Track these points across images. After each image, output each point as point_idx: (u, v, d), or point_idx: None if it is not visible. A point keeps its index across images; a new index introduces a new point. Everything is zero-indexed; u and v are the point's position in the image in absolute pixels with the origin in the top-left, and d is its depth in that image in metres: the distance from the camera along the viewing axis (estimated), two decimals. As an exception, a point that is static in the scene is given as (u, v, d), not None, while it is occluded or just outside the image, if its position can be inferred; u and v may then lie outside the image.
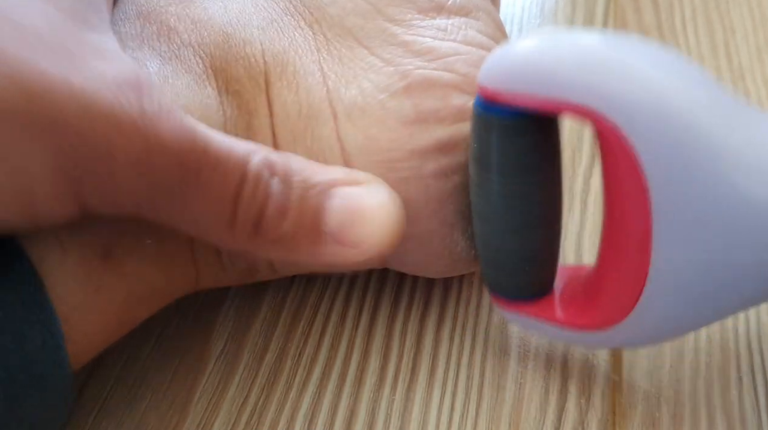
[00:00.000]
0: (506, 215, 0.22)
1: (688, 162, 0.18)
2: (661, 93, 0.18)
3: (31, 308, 0.19)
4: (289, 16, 0.24)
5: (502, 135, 0.20)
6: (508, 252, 0.22)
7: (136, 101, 0.18)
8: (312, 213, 0.21)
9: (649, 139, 0.18)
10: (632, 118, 0.18)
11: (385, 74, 0.23)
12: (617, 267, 0.21)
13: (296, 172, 0.21)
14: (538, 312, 0.23)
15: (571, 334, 0.23)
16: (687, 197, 0.19)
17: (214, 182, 0.19)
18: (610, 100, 0.18)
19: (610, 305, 0.22)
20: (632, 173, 0.19)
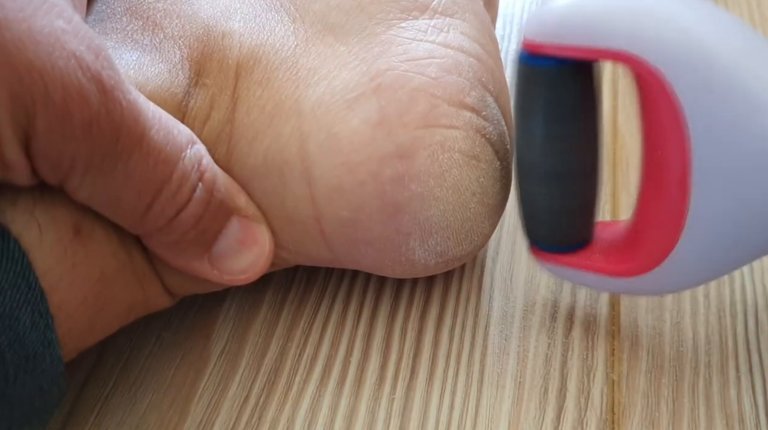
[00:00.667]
0: (549, 161, 0.22)
1: (725, 103, 0.20)
2: (699, 36, 0.20)
3: (19, 288, 0.19)
4: (274, 12, 0.24)
5: (546, 84, 0.21)
6: (550, 199, 0.23)
7: (94, 65, 0.18)
8: (215, 231, 0.22)
9: (687, 80, 0.20)
10: (671, 61, 0.20)
11: (358, 74, 0.23)
12: (656, 210, 0.22)
13: (220, 187, 0.22)
14: (578, 262, 0.24)
15: (612, 281, 0.23)
16: (724, 137, 0.20)
17: (141, 171, 0.20)
18: (649, 44, 0.20)
19: (650, 248, 0.22)
20: (671, 115, 0.20)
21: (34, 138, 0.18)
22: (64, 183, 0.19)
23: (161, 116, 0.21)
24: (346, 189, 0.22)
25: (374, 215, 0.23)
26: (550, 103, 0.22)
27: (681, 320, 0.26)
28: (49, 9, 0.18)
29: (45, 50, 0.17)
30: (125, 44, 0.23)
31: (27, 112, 0.18)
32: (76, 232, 0.20)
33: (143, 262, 0.22)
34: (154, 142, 0.20)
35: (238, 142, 0.23)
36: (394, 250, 0.23)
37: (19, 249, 0.19)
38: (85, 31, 0.19)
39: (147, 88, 0.22)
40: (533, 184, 0.23)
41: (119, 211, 0.20)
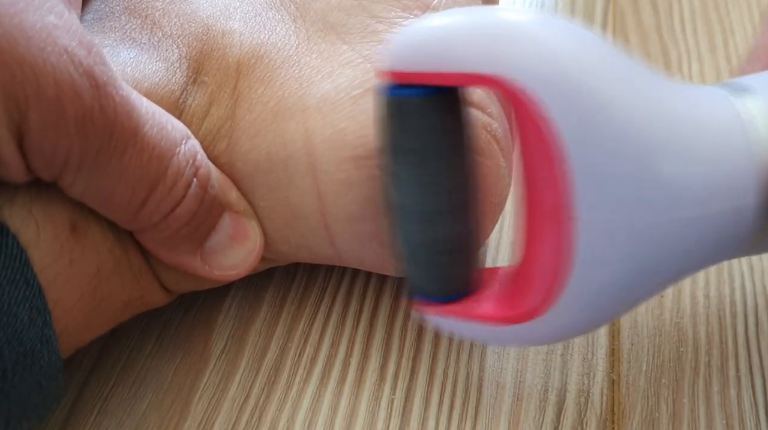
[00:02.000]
0: (424, 201, 0.21)
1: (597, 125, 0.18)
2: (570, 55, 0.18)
3: (17, 284, 0.19)
4: (274, 10, 0.24)
5: (416, 114, 0.20)
6: (428, 243, 0.21)
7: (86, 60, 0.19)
8: (208, 226, 0.22)
9: (560, 101, 0.18)
10: (538, 82, 0.18)
11: (362, 70, 0.23)
12: (541, 247, 0.20)
13: (214, 182, 0.22)
14: (461, 311, 0.22)
15: (501, 330, 0.21)
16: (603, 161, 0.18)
17: (135, 166, 0.20)
18: (515, 66, 0.18)
19: (540, 288, 0.20)
20: (546, 141, 0.18)
21: (28, 134, 0.18)
22: (59, 179, 0.19)
23: (155, 112, 0.21)
24: (354, 183, 0.22)
25: (381, 209, 0.23)
26: (419, 135, 0.20)
27: (681, 319, 0.26)
28: (40, 4, 0.18)
29: (37, 45, 0.18)
30: (123, 42, 0.23)
31: (20, 108, 0.18)
32: (73, 229, 0.21)
33: (139, 258, 0.22)
34: (147, 138, 0.20)
35: (240, 138, 0.23)
36: None
37: (17, 246, 0.19)
38: (77, 27, 0.19)
39: (144, 86, 0.22)
40: (407, 224, 0.21)
41: (113, 207, 0.20)
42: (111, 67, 0.19)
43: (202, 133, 0.23)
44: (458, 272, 0.22)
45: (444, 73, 0.19)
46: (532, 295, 0.20)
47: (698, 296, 0.26)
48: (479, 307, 0.22)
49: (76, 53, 0.18)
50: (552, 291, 0.20)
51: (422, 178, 0.20)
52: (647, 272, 0.20)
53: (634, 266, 0.19)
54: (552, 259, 0.20)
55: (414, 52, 0.19)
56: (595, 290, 0.20)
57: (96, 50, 0.19)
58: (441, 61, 0.19)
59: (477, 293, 0.22)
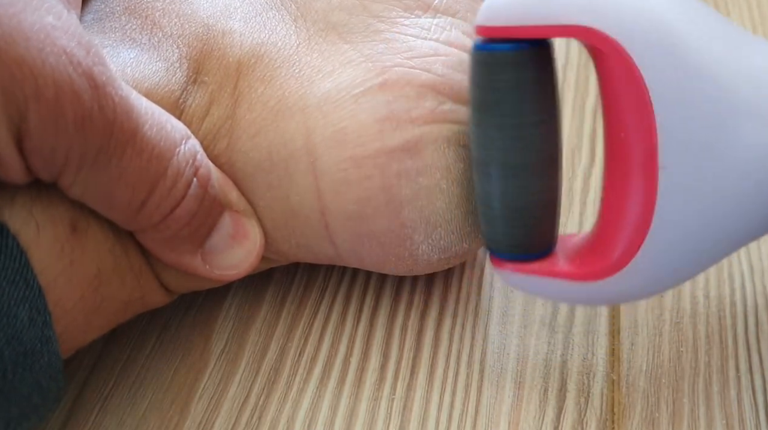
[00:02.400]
0: (510, 154, 0.21)
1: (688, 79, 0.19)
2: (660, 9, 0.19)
3: (17, 285, 0.19)
4: (275, 10, 0.24)
5: (505, 68, 0.21)
6: (511, 196, 0.22)
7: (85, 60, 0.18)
8: (208, 226, 0.22)
9: (649, 54, 0.19)
10: (632, 34, 0.19)
11: (363, 70, 0.23)
12: (623, 202, 0.21)
13: (214, 182, 0.22)
14: (540, 269, 0.22)
15: (577, 287, 0.22)
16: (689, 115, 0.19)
17: (135, 166, 0.20)
18: (609, 17, 0.19)
19: (617, 246, 0.21)
20: (635, 93, 0.19)
21: (27, 135, 0.18)
22: (58, 180, 0.19)
23: (154, 112, 0.21)
24: (353, 182, 0.23)
25: (381, 208, 0.23)
26: (511, 89, 0.21)
27: (681, 319, 0.26)
28: (39, 5, 0.18)
29: (35, 46, 0.18)
30: (123, 43, 0.23)
31: (19, 109, 0.18)
32: (73, 229, 0.21)
33: (139, 259, 0.22)
34: (147, 138, 0.20)
35: (240, 137, 0.23)
36: (399, 244, 0.24)
37: (17, 246, 0.19)
38: (76, 27, 0.19)
39: (144, 86, 0.22)
40: (493, 180, 0.22)
41: (113, 207, 0.20)
42: (110, 68, 0.19)
43: (203, 133, 0.23)
44: (540, 230, 0.22)
45: (537, 26, 0.20)
46: (614, 249, 0.21)
47: (698, 296, 0.26)
48: (559, 264, 0.22)
49: (75, 54, 0.18)
50: (635, 244, 0.20)
51: (510, 131, 0.21)
52: (722, 230, 0.20)
53: (712, 219, 0.20)
54: (636, 211, 0.20)
55: (506, 6, 0.20)
56: (675, 243, 0.20)
57: (95, 51, 0.19)
58: (534, 13, 0.20)
59: (556, 253, 0.23)
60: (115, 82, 0.19)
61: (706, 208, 0.20)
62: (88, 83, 0.18)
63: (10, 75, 0.17)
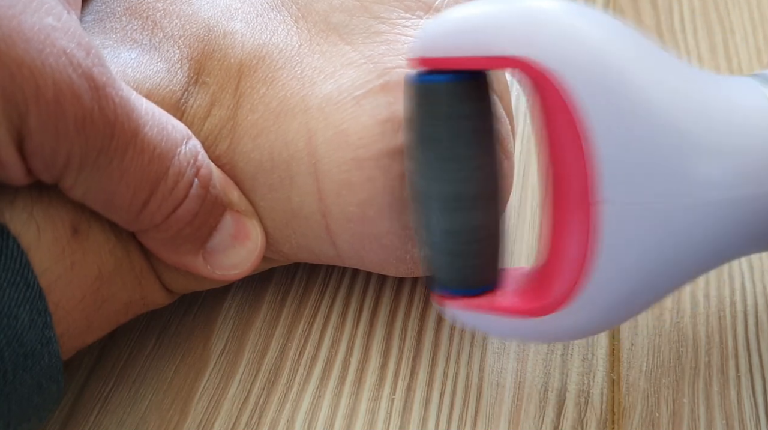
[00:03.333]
0: (450, 187, 0.21)
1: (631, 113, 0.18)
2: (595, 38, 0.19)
3: (17, 286, 0.19)
4: (276, 11, 0.24)
5: (444, 100, 0.20)
6: (453, 232, 0.21)
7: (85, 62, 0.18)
8: (210, 226, 0.22)
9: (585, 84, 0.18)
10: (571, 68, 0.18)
11: (364, 71, 0.23)
12: (564, 236, 0.20)
13: (215, 182, 0.22)
14: (484, 304, 0.22)
15: (523, 324, 0.21)
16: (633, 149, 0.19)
17: (136, 167, 0.20)
18: (548, 51, 0.19)
19: (562, 280, 0.20)
20: (571, 124, 0.19)
21: (28, 137, 0.18)
22: (59, 181, 0.19)
23: (155, 112, 0.21)
24: (355, 184, 0.22)
25: (382, 210, 0.23)
26: (448, 121, 0.20)
27: (681, 319, 0.26)
28: (38, 6, 0.18)
29: (35, 47, 0.17)
30: (124, 43, 0.23)
31: (19, 111, 0.18)
32: (74, 231, 0.21)
33: (141, 259, 0.22)
34: (148, 139, 0.20)
35: (242, 138, 0.23)
36: (400, 247, 0.24)
37: (18, 248, 0.19)
38: (75, 28, 0.19)
39: (145, 86, 0.22)
40: (433, 213, 0.21)
41: (115, 208, 0.20)
42: (110, 69, 0.19)
43: (204, 134, 0.23)
44: (482, 264, 0.22)
45: (473, 58, 0.19)
46: (557, 285, 0.20)
47: (698, 296, 0.26)
48: (503, 300, 0.22)
49: (75, 55, 0.18)
50: (578, 279, 0.20)
51: (449, 164, 0.20)
52: (672, 262, 0.20)
53: (660, 253, 0.19)
54: (577, 246, 0.19)
55: (444, 37, 0.20)
56: (620, 278, 0.20)
57: (95, 52, 0.19)
58: (470, 45, 0.19)
59: (500, 288, 0.22)
60: (115, 83, 0.19)
61: (653, 244, 0.19)
62: (88, 84, 0.18)
63: (10, 76, 0.17)
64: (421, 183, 0.21)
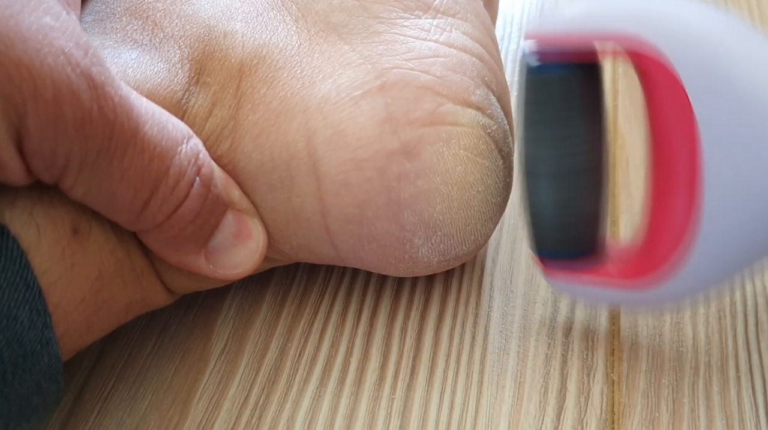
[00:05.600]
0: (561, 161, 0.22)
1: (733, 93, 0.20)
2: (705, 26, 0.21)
3: (17, 287, 0.19)
4: (275, 11, 0.24)
5: (559, 90, 0.22)
6: (561, 201, 0.23)
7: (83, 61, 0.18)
8: (212, 226, 0.22)
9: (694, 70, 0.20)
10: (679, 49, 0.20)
11: (363, 71, 0.23)
12: (668, 212, 0.22)
13: (216, 181, 0.22)
14: (591, 276, 0.23)
15: (629, 295, 0.23)
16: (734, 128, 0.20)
17: (136, 167, 0.20)
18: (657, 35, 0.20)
19: (665, 255, 0.22)
20: (678, 104, 0.20)
21: (27, 137, 0.18)
22: (60, 181, 0.19)
23: (154, 111, 0.21)
24: (353, 185, 0.22)
25: (380, 211, 0.23)
26: (561, 107, 0.22)
27: (681, 319, 0.26)
28: (36, 6, 0.18)
29: (33, 47, 0.17)
30: (124, 44, 0.23)
31: (18, 111, 0.18)
32: (74, 231, 0.21)
33: (142, 260, 0.22)
34: (148, 138, 0.20)
35: (243, 138, 0.23)
36: (398, 247, 0.24)
37: (17, 248, 0.19)
38: (74, 28, 0.19)
39: (145, 87, 0.22)
40: (543, 187, 0.23)
41: (116, 208, 0.20)
42: (109, 68, 0.19)
43: (205, 134, 0.23)
44: (588, 231, 0.23)
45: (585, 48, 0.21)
46: (658, 259, 0.22)
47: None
48: (608, 272, 0.23)
49: (73, 54, 0.18)
50: (683, 251, 0.22)
51: (561, 140, 0.22)
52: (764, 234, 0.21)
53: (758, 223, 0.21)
54: (681, 215, 0.21)
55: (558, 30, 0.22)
56: (722, 248, 0.21)
57: (93, 51, 0.19)
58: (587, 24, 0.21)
59: (603, 259, 0.24)
60: (114, 82, 0.19)
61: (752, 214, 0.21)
62: (87, 84, 0.18)
63: (9, 76, 0.17)
64: (531, 163, 0.23)
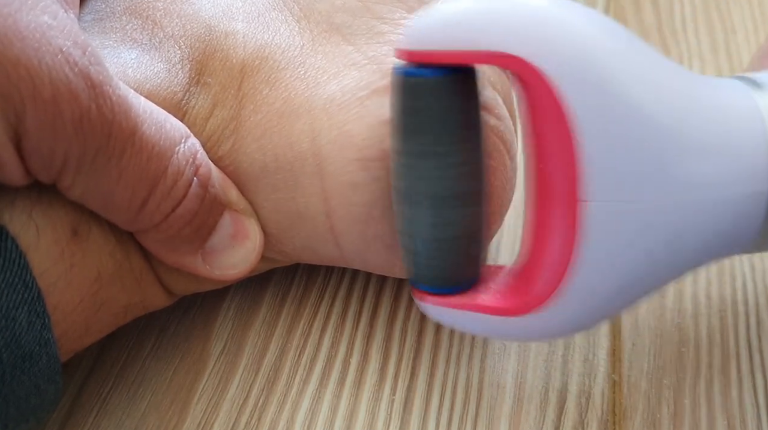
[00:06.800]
0: (435, 183, 0.20)
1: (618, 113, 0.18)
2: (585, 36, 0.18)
3: (16, 288, 0.19)
4: (277, 11, 0.24)
5: (431, 94, 0.20)
6: (435, 228, 0.21)
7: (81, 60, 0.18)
8: (209, 226, 0.22)
9: (573, 80, 0.18)
10: (558, 65, 0.18)
11: (368, 72, 0.23)
12: (546, 233, 0.20)
13: (214, 181, 0.22)
14: (463, 303, 0.21)
15: (506, 322, 0.21)
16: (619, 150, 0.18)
17: (134, 166, 0.20)
18: (536, 47, 0.18)
19: (541, 278, 0.20)
20: (558, 121, 0.18)
21: (25, 136, 0.18)
22: (58, 181, 0.19)
23: (153, 111, 0.20)
24: (360, 185, 0.22)
25: (387, 210, 0.23)
26: (432, 116, 0.20)
27: (682, 320, 0.26)
28: (34, 5, 0.18)
29: (31, 46, 0.17)
30: (124, 43, 0.23)
31: (16, 110, 0.17)
32: (74, 232, 0.20)
33: (141, 261, 0.22)
34: (146, 137, 0.20)
35: (245, 139, 0.23)
36: None
37: (16, 249, 0.19)
38: (72, 27, 0.19)
39: (145, 87, 0.22)
40: (413, 210, 0.21)
41: (114, 208, 0.20)
42: (107, 67, 0.19)
43: (206, 134, 0.23)
44: (463, 261, 0.22)
45: (460, 52, 0.19)
46: (539, 283, 0.20)
47: (699, 296, 0.26)
48: (483, 298, 0.21)
49: (71, 53, 0.18)
50: (560, 278, 0.20)
51: (435, 159, 0.20)
52: (658, 260, 0.19)
53: (645, 252, 0.19)
54: (561, 244, 0.19)
55: (432, 31, 0.19)
56: (604, 277, 0.19)
57: (91, 50, 0.19)
58: (458, 39, 0.19)
59: (481, 286, 0.22)
60: (112, 81, 0.19)
61: (638, 243, 0.19)
62: (85, 83, 0.18)
63: (7, 76, 0.17)
64: (401, 179, 0.21)
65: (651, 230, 0.19)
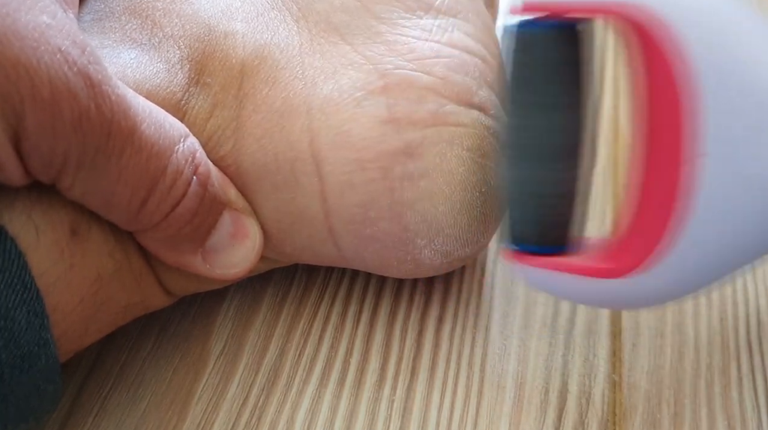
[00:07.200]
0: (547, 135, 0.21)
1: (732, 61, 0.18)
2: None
3: (15, 288, 0.19)
4: (276, 11, 0.24)
5: (543, 47, 0.20)
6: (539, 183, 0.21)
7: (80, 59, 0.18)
8: (209, 225, 0.22)
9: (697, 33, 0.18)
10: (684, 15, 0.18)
11: (365, 72, 0.23)
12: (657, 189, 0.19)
13: (213, 181, 0.22)
14: (561, 263, 0.21)
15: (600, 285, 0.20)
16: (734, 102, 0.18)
17: (134, 166, 0.20)
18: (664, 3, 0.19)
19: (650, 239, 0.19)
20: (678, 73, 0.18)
21: (25, 136, 0.18)
22: (57, 181, 0.19)
23: (151, 110, 0.20)
24: (357, 185, 0.22)
25: (383, 211, 0.23)
26: (544, 68, 0.20)
27: (682, 320, 0.26)
28: (32, 4, 0.18)
29: (30, 46, 0.17)
30: (124, 43, 0.23)
31: (15, 110, 0.17)
32: (73, 233, 0.20)
33: (140, 262, 0.22)
34: (146, 136, 0.20)
35: (245, 139, 0.23)
36: (401, 248, 0.23)
37: (15, 249, 0.19)
38: (70, 27, 0.19)
39: (145, 87, 0.22)
40: (521, 163, 0.21)
41: (113, 208, 0.20)
42: (105, 67, 0.19)
43: (207, 135, 0.23)
44: (562, 220, 0.21)
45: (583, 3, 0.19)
46: (643, 244, 0.20)
47: (700, 297, 0.26)
48: (581, 260, 0.21)
49: (70, 53, 0.18)
50: (668, 239, 0.19)
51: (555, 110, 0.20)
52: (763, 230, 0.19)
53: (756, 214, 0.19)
54: (670, 203, 0.19)
55: None
56: (714, 237, 0.19)
57: (89, 50, 0.19)
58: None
59: (577, 250, 0.21)
60: (111, 80, 0.19)
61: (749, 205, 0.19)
62: (84, 82, 0.18)
63: (6, 75, 0.17)
64: (509, 133, 0.21)
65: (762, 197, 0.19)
